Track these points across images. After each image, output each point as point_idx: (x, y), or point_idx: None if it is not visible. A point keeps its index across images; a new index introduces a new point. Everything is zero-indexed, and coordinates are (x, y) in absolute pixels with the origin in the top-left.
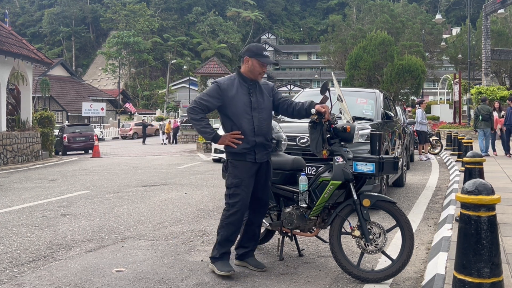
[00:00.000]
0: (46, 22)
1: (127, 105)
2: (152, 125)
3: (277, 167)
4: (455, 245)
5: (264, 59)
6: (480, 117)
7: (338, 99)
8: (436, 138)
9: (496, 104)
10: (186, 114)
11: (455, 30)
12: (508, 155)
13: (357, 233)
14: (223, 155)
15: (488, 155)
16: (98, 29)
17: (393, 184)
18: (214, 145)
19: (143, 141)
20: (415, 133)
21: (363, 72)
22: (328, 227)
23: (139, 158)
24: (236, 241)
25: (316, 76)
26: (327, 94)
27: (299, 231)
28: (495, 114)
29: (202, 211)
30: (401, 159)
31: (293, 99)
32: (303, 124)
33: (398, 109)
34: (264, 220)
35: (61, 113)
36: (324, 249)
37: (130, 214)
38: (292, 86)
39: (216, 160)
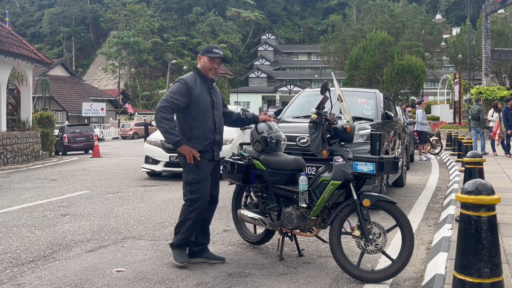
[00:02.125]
0: (46, 22)
1: (126, 105)
2: (152, 125)
3: (277, 167)
4: (455, 245)
5: (212, 54)
6: (470, 117)
7: (338, 99)
8: (436, 138)
9: (500, 105)
10: None
11: (455, 30)
12: (508, 155)
13: (357, 233)
14: (157, 167)
15: (486, 153)
16: (98, 29)
17: (393, 184)
18: (147, 153)
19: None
20: (415, 133)
21: (363, 72)
22: (328, 227)
23: (139, 158)
24: (193, 240)
25: (316, 76)
26: (327, 94)
27: (299, 231)
28: (495, 115)
29: None
30: (401, 159)
31: (293, 99)
32: (303, 124)
33: (398, 109)
34: (264, 220)
35: (61, 113)
36: (324, 249)
37: (130, 214)
38: (292, 86)
39: (149, 173)
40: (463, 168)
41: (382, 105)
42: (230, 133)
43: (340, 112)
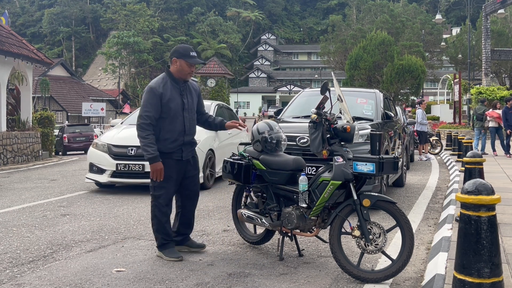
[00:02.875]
0: (46, 22)
1: (125, 105)
2: None
3: (277, 167)
4: (455, 245)
5: (192, 60)
6: (475, 117)
7: (338, 99)
8: (436, 138)
9: (498, 105)
10: None
11: (455, 30)
12: (508, 155)
13: (357, 233)
14: (102, 178)
15: (486, 154)
16: (98, 29)
17: (393, 184)
18: (91, 159)
19: None
20: (415, 133)
21: (363, 72)
22: (328, 227)
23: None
24: (174, 230)
25: (316, 76)
26: (327, 94)
27: (299, 231)
28: (496, 111)
29: (202, 211)
30: (401, 159)
31: (293, 99)
32: (303, 124)
33: (398, 109)
34: (264, 220)
35: (61, 113)
36: (324, 249)
37: (130, 214)
38: (292, 86)
39: (97, 184)
40: (463, 168)
41: (382, 105)
42: (199, 134)
43: (340, 112)
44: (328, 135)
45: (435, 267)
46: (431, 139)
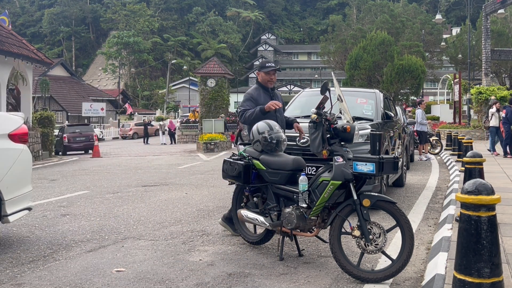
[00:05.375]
0: (46, 22)
1: (126, 105)
2: (152, 125)
3: (277, 167)
4: (455, 245)
5: (265, 69)
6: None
7: (338, 99)
8: (436, 138)
9: (498, 105)
10: (185, 115)
11: (455, 30)
12: (509, 155)
13: (357, 233)
14: None
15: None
16: (98, 29)
17: (393, 184)
18: None
19: (146, 141)
20: (415, 133)
21: (363, 72)
22: (328, 227)
23: (139, 158)
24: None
25: (316, 76)
26: (327, 94)
27: (299, 231)
28: (496, 115)
29: (202, 211)
30: (401, 159)
31: (293, 99)
32: (303, 124)
33: (398, 109)
34: (264, 220)
35: (61, 113)
36: (324, 249)
37: (130, 214)
38: (292, 86)
39: None
40: (463, 168)
41: (382, 105)
42: None
43: (340, 112)
44: (328, 135)
45: (435, 267)
46: (431, 139)
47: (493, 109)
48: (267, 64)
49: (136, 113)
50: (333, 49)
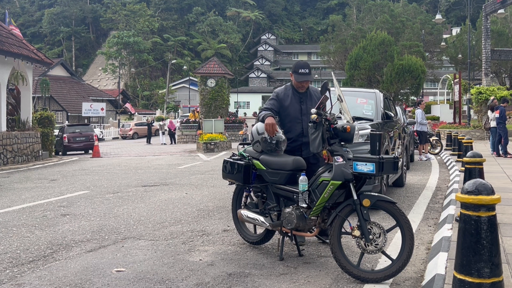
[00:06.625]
0: (46, 22)
1: (127, 105)
2: (154, 125)
3: (277, 167)
4: (455, 245)
5: (296, 75)
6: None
7: (338, 99)
8: (436, 138)
9: (495, 101)
10: (186, 115)
11: (455, 30)
12: (509, 155)
13: (357, 233)
14: None
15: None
16: (98, 29)
17: (393, 184)
18: None
19: (148, 141)
20: (415, 133)
21: (363, 72)
22: (328, 227)
23: (139, 158)
24: None
25: (316, 76)
26: (327, 94)
27: (299, 231)
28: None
29: (202, 211)
30: (401, 159)
31: None
32: None
33: (398, 109)
34: (264, 220)
35: (61, 113)
36: (324, 249)
37: (130, 214)
38: None
39: None
40: (463, 168)
41: (382, 105)
42: None
43: (340, 112)
44: (328, 135)
45: (435, 267)
46: (431, 139)
47: (493, 115)
48: (300, 70)
49: (136, 113)
50: (333, 49)
